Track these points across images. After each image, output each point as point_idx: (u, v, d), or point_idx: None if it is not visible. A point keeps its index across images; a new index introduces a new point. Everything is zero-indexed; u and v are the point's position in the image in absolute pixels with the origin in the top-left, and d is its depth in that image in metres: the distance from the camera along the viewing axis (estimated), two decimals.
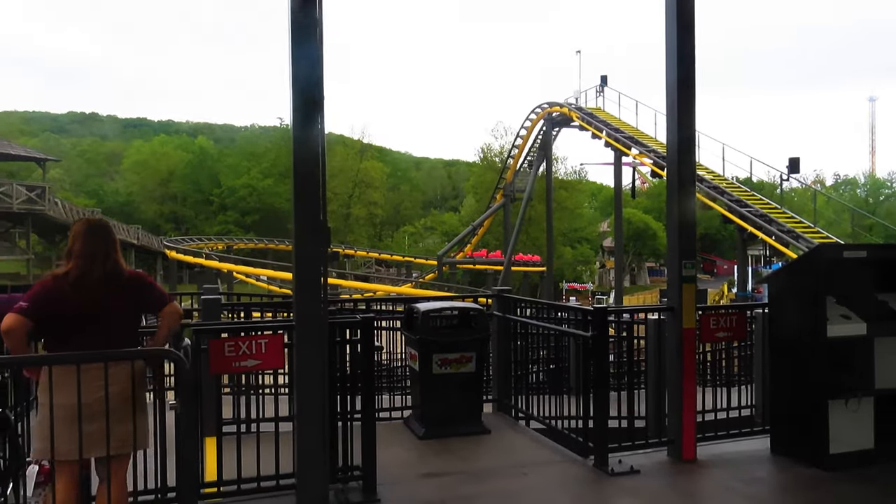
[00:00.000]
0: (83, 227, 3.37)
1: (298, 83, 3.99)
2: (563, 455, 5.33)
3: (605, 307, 5.31)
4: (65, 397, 3.13)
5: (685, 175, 5.28)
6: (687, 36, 5.23)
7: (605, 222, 67.39)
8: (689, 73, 5.24)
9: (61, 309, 3.20)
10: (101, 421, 3.18)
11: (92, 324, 3.25)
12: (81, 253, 3.28)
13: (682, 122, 5.26)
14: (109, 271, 3.31)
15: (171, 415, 3.62)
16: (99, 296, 3.27)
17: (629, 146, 27.93)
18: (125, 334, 3.39)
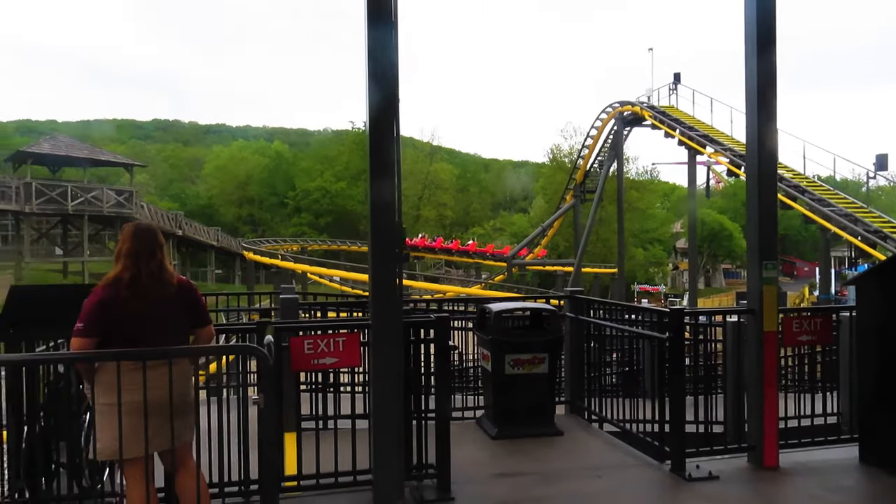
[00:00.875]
0: (129, 230, 3.45)
1: (374, 87, 4.08)
2: (638, 459, 5.24)
3: (682, 309, 5.19)
4: (130, 395, 3.20)
5: (766, 172, 5.09)
6: (768, 26, 5.05)
7: (678, 223, 65.61)
8: (770, 64, 5.05)
9: (117, 314, 3.26)
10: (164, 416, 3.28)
11: (149, 323, 3.32)
12: (127, 254, 3.34)
13: (762, 117, 5.06)
14: (155, 272, 3.35)
15: (253, 410, 3.77)
16: (157, 298, 3.34)
17: (704, 144, 27.12)
18: (180, 335, 3.47)
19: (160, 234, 3.55)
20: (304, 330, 4.34)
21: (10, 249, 39.13)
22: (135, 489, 3.29)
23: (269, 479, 3.42)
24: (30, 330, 4.09)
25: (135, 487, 3.29)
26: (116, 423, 3.16)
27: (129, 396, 3.18)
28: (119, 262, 3.35)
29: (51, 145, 37.35)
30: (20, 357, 4.00)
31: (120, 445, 3.17)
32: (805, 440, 5.42)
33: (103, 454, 3.31)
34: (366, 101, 4.10)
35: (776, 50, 5.07)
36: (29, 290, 6.95)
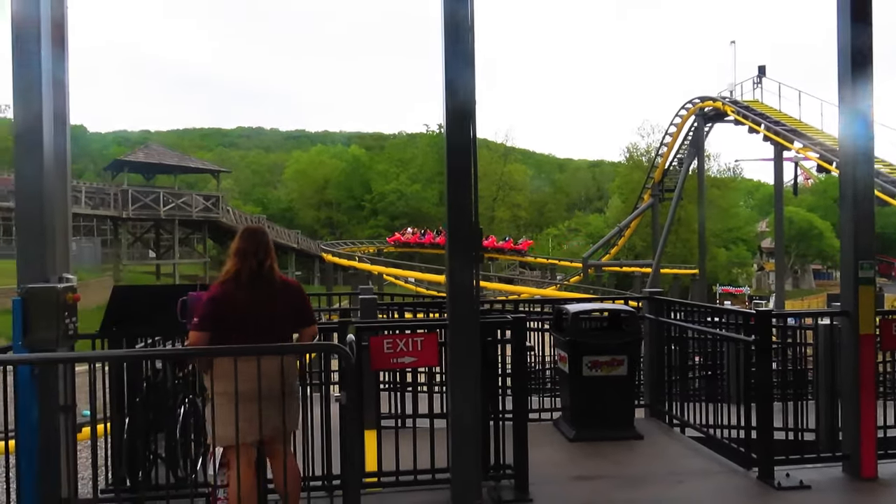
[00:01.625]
0: (242, 231, 3.73)
1: (451, 91, 4.12)
2: (723, 465, 5.08)
3: (769, 310, 4.98)
4: (241, 385, 3.38)
5: (862, 167, 4.82)
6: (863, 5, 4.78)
7: (763, 222, 63.02)
8: (865, 46, 4.78)
9: (230, 310, 3.48)
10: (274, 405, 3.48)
11: (258, 319, 3.52)
12: (240, 253, 3.58)
13: (858, 107, 4.79)
14: (266, 271, 3.58)
15: (335, 407, 3.87)
16: (260, 294, 3.54)
17: (791, 140, 25.89)
18: (283, 330, 3.64)
19: (268, 237, 3.79)
20: (384, 329, 4.43)
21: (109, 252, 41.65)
22: (244, 475, 3.47)
23: (351, 475, 3.51)
24: (130, 327, 4.35)
25: (243, 473, 3.47)
26: (232, 411, 3.34)
27: (242, 386, 3.37)
28: (229, 260, 3.60)
29: (145, 154, 39.66)
30: (125, 353, 4.26)
31: (237, 432, 3.36)
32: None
33: (222, 440, 3.51)
34: (443, 106, 4.16)
35: (872, 31, 4.80)
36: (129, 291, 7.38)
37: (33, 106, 3.90)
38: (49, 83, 3.98)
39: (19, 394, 3.64)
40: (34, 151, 3.90)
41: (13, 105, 3.93)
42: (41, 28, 3.90)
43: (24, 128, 3.92)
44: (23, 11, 3.85)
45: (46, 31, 3.96)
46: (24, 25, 3.86)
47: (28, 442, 3.68)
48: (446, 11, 4.09)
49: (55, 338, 3.78)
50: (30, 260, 3.90)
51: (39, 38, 3.89)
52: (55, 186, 4.02)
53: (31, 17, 3.86)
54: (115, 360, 4.26)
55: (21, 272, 3.86)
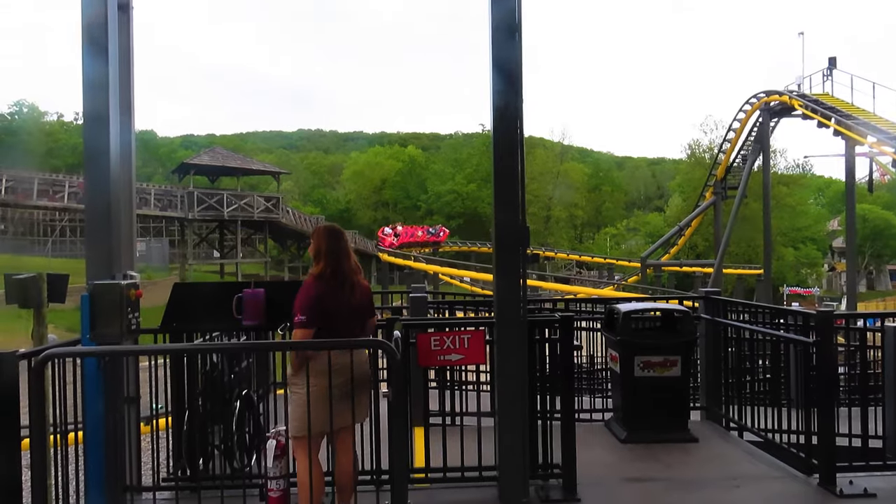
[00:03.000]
0: (325, 231, 3.90)
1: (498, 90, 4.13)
2: (782, 470, 4.92)
3: (830, 311, 4.79)
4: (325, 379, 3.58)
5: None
6: None
7: (834, 220, 60.52)
8: None
9: (329, 305, 3.68)
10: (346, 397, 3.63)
11: (348, 313, 3.75)
12: (329, 251, 3.78)
13: None
14: (354, 268, 3.82)
15: (384, 403, 3.94)
16: (352, 290, 3.78)
17: (864, 134, 24.76)
18: (366, 323, 3.91)
19: (346, 236, 4.01)
20: (431, 327, 4.47)
21: (176, 253, 43.27)
22: (314, 465, 3.66)
23: (399, 470, 3.55)
24: (189, 323, 4.52)
25: (313, 463, 3.66)
26: (326, 402, 3.52)
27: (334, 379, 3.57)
28: (321, 259, 3.79)
29: (209, 157, 41.01)
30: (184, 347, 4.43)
31: (330, 419, 3.56)
32: None
33: (300, 431, 3.66)
34: (490, 104, 4.17)
35: None
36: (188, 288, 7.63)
37: (101, 107, 4.09)
38: (115, 85, 4.18)
39: (87, 385, 3.84)
40: (101, 154, 4.11)
41: (83, 107, 4.15)
42: (108, 30, 4.09)
43: (92, 129, 4.13)
44: (92, 12, 4.05)
45: (114, 32, 4.16)
46: (94, 27, 4.05)
47: (94, 431, 3.87)
48: (494, 10, 4.10)
49: (119, 332, 3.98)
50: (97, 258, 4.11)
51: (108, 41, 4.08)
52: (121, 187, 4.23)
53: (100, 21, 4.05)
54: (175, 353, 4.43)
55: (89, 270, 4.09)
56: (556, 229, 61.69)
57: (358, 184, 70.40)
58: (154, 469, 4.14)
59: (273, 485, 3.84)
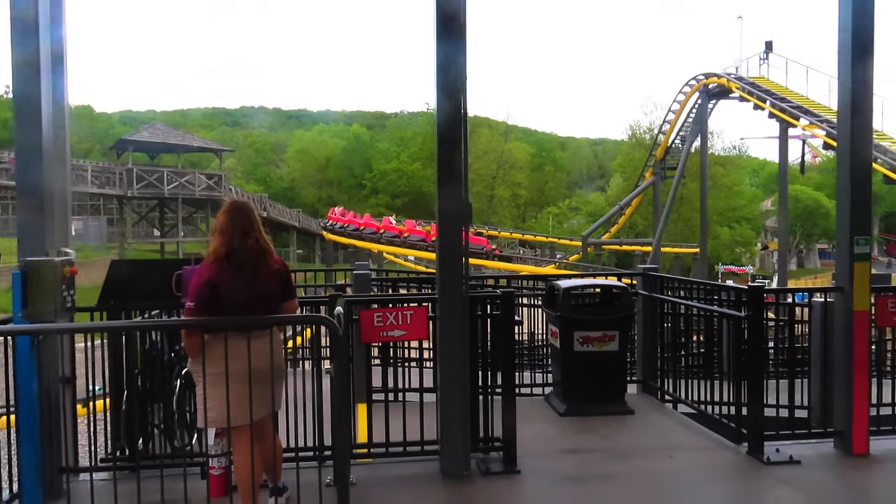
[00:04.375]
0: (225, 207, 3.62)
1: (442, 67, 4.13)
2: (713, 440, 5.14)
3: (761, 286, 4.99)
4: (234, 364, 3.33)
5: (859, 138, 4.77)
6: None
7: (768, 200, 62.73)
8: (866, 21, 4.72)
9: (224, 290, 3.38)
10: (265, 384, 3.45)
11: (252, 298, 3.44)
12: (222, 230, 3.49)
13: (856, 75, 4.72)
14: (252, 247, 3.47)
15: (327, 380, 3.93)
16: (253, 271, 3.45)
17: (797, 117, 25.72)
18: (276, 307, 3.57)
19: (255, 211, 3.72)
20: (374, 303, 4.47)
21: (115, 231, 41.81)
22: (242, 456, 3.46)
23: (341, 445, 3.56)
24: (127, 301, 4.40)
25: (242, 454, 3.46)
26: (224, 392, 3.29)
27: (234, 365, 3.33)
28: (217, 237, 3.51)
29: (149, 133, 39.66)
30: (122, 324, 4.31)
31: (228, 413, 3.31)
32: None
33: (214, 422, 3.49)
34: (434, 82, 4.17)
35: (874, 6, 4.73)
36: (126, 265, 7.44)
37: (31, 82, 3.93)
38: (47, 60, 4.02)
39: (19, 365, 3.70)
40: (33, 128, 3.95)
41: (12, 82, 3.98)
42: (39, 4, 3.92)
43: (23, 104, 3.97)
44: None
45: (45, 7, 3.98)
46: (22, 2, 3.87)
47: (28, 412, 3.74)
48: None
49: (53, 310, 3.86)
50: (29, 234, 3.96)
51: (37, 14, 3.91)
52: (54, 162, 4.07)
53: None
54: (113, 331, 4.31)
55: (21, 247, 3.93)
56: (499, 208, 62.12)
57: (302, 162, 69.28)
58: (91, 450, 4.04)
59: (214, 462, 3.80)
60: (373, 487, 4.15)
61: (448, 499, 4.05)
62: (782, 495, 4.16)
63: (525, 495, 4.14)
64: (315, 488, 3.35)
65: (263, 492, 3.76)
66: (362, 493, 4.03)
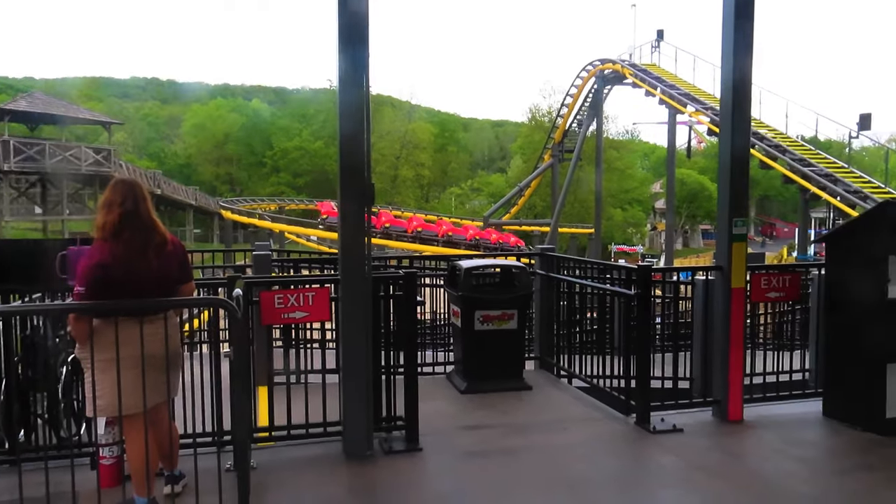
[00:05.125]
0: (112, 182, 3.45)
1: (344, 42, 4.05)
2: (605, 413, 5.39)
3: (649, 266, 5.26)
4: (126, 350, 3.17)
5: (739, 125, 5.06)
6: None
7: (657, 183, 65.88)
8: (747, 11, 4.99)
9: (116, 273, 3.21)
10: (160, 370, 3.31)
11: (150, 282, 3.30)
12: (109, 205, 3.31)
13: (738, 52, 4.97)
14: (142, 223, 3.33)
15: (226, 364, 3.82)
16: (144, 253, 3.30)
17: (685, 103, 27.11)
18: (171, 290, 3.44)
19: (144, 187, 3.52)
20: (275, 284, 4.38)
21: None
22: (135, 445, 3.31)
23: (240, 429, 3.49)
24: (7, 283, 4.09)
25: (135, 442, 3.31)
26: (115, 378, 3.12)
27: (126, 351, 3.16)
28: (102, 213, 3.31)
29: (28, 102, 36.48)
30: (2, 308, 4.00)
31: (119, 401, 3.13)
32: (770, 395, 5.55)
33: (105, 411, 3.32)
34: (337, 59, 4.10)
35: None
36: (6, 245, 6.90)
37: None
38: None
39: None
40: None
41: None
42: None
43: None
44: None
45: None
46: None
47: None
48: None
49: None
50: None
51: None
52: None
53: None
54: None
55: None
56: (403, 188, 62.01)
57: (199, 138, 66.23)
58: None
59: (105, 452, 3.63)
60: (274, 470, 4.10)
61: (350, 479, 4.06)
62: (666, 461, 4.42)
63: (427, 472, 4.21)
64: (214, 474, 3.27)
65: (159, 480, 3.64)
66: (263, 476, 3.98)
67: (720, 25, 5.11)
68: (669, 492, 4.01)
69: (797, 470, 4.28)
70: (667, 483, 4.15)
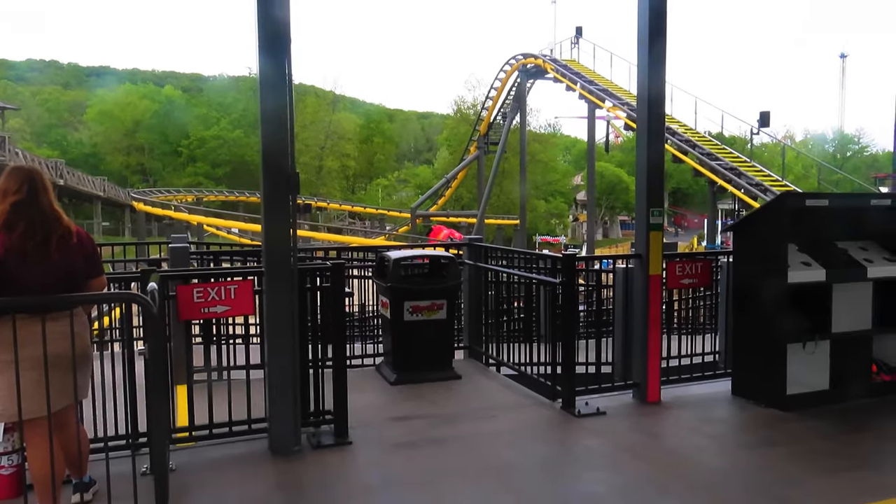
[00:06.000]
0: (7, 170, 3.20)
1: (264, 26, 3.91)
2: (532, 399, 5.47)
3: (573, 255, 5.36)
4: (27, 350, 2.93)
5: (654, 120, 5.28)
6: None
7: (578, 176, 67.59)
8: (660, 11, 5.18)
9: (13, 267, 3.02)
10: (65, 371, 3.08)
11: (51, 277, 3.10)
12: (4, 194, 3.10)
13: (652, 66, 5.20)
14: (41, 214, 3.12)
15: (140, 363, 3.62)
16: (45, 245, 3.09)
17: (603, 99, 27.85)
18: (76, 285, 3.22)
19: (44, 174, 3.27)
20: (193, 278, 4.19)
21: None
22: (38, 451, 3.08)
23: (156, 430, 3.31)
24: None
25: (38, 448, 3.08)
26: (14, 381, 2.88)
27: (27, 351, 2.92)
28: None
29: None
30: None
31: (18, 405, 2.90)
32: (685, 376, 5.83)
33: (2, 416, 3.09)
34: (256, 41, 3.94)
35: None
36: None
37: None
38: None
39: None
40: None
41: None
42: None
43: None
44: None
45: None
46: None
47: None
48: None
49: None
50: None
51: None
52: None
53: None
54: None
55: None
56: (328, 179, 61.19)
57: (106, 125, 63.09)
58: None
59: (4, 461, 3.38)
60: (195, 472, 3.92)
61: (277, 475, 3.94)
62: (591, 444, 4.53)
63: (356, 465, 4.14)
64: (129, 478, 3.08)
65: (66, 488, 3.41)
66: (183, 478, 3.80)
67: (636, 41, 5.28)
68: (595, 473, 4.09)
69: (708, 445, 4.51)
70: (592, 465, 4.24)
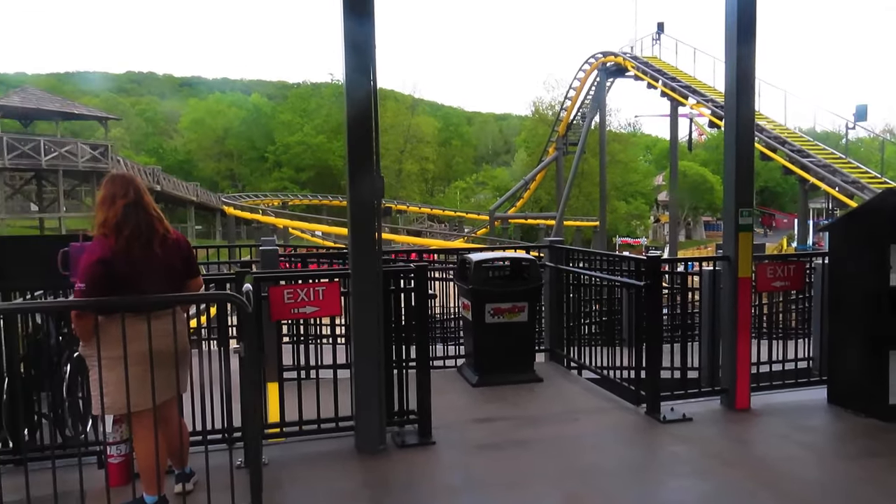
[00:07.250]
0: (108, 177, 3.41)
1: (350, 36, 4.02)
2: (615, 403, 5.38)
3: (658, 256, 5.24)
4: (134, 346, 3.13)
5: (743, 117, 5.09)
6: None
7: (660, 176, 65.77)
8: (749, 6, 5.00)
9: (120, 268, 3.19)
10: (168, 366, 3.31)
11: (155, 277, 3.28)
12: (108, 200, 3.28)
13: (741, 61, 5.02)
14: (142, 217, 3.29)
15: (235, 360, 3.79)
16: (149, 247, 3.27)
17: (686, 96, 27.00)
18: (176, 285, 3.41)
19: (141, 182, 3.47)
20: (284, 279, 4.35)
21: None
22: (144, 442, 3.27)
23: (250, 425, 3.47)
24: (8, 281, 4.06)
25: (144, 440, 3.27)
26: (122, 376, 3.08)
27: (133, 347, 3.13)
28: (101, 209, 3.28)
29: (21, 98, 36.20)
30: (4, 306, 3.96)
31: (127, 398, 3.10)
32: (776, 383, 5.58)
33: (112, 409, 3.28)
34: (342, 45, 4.05)
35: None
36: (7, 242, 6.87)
37: None
38: None
39: None
40: None
41: None
42: None
43: None
44: None
45: None
46: None
47: None
48: None
49: None
50: None
51: None
52: None
53: None
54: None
55: None
56: (407, 183, 61.91)
57: (198, 133, 66.06)
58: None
59: (113, 451, 3.61)
60: (287, 466, 4.08)
61: (364, 473, 4.04)
62: (677, 450, 4.42)
63: (440, 465, 4.19)
64: (226, 471, 3.24)
65: (169, 478, 3.61)
66: (276, 472, 3.95)
67: (723, 17, 5.08)
68: (681, 480, 4.00)
69: (804, 456, 4.31)
70: (678, 471, 4.14)
